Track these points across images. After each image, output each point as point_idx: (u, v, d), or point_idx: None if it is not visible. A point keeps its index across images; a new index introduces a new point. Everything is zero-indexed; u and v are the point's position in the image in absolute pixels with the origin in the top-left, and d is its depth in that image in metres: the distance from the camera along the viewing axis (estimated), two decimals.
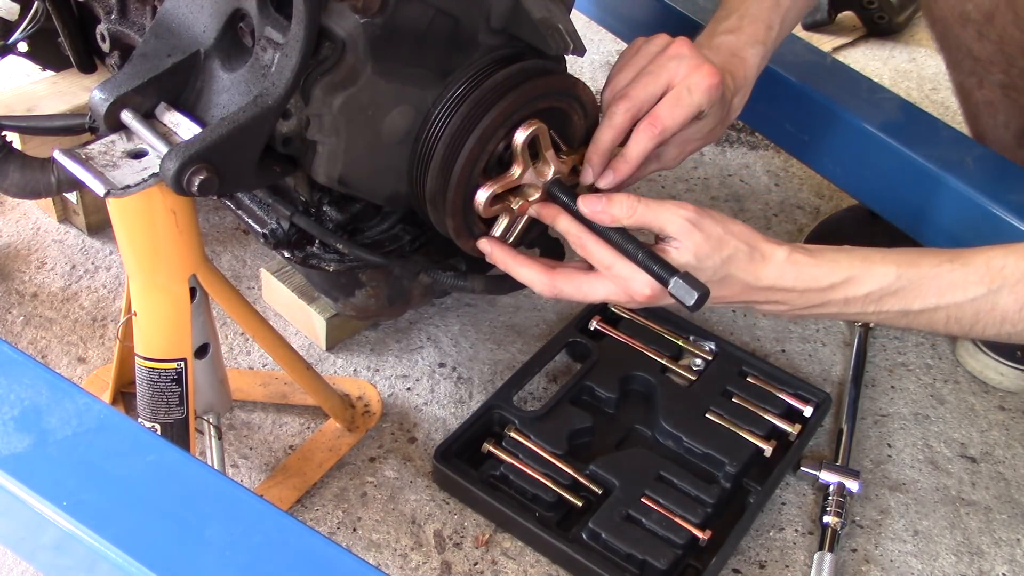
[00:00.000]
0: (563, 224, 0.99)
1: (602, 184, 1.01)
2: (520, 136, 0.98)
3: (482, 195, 1.00)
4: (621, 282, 0.95)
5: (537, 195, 1.03)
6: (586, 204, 0.96)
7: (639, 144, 1.00)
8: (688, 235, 0.93)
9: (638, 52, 1.04)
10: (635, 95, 1.00)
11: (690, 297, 0.89)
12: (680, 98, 0.99)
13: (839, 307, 0.97)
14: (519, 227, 1.06)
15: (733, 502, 1.22)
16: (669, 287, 0.91)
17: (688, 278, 0.90)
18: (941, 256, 0.97)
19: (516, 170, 1.00)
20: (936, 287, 0.96)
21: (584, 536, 1.15)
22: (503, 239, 1.05)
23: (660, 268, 0.92)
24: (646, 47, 1.04)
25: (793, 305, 0.98)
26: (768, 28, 1.13)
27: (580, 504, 1.19)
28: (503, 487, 1.21)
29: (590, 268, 0.98)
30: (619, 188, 1.03)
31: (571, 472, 1.20)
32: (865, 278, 0.96)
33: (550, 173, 1.02)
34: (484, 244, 1.03)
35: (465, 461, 1.23)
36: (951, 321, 0.97)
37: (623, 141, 1.03)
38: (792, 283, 0.96)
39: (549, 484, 1.19)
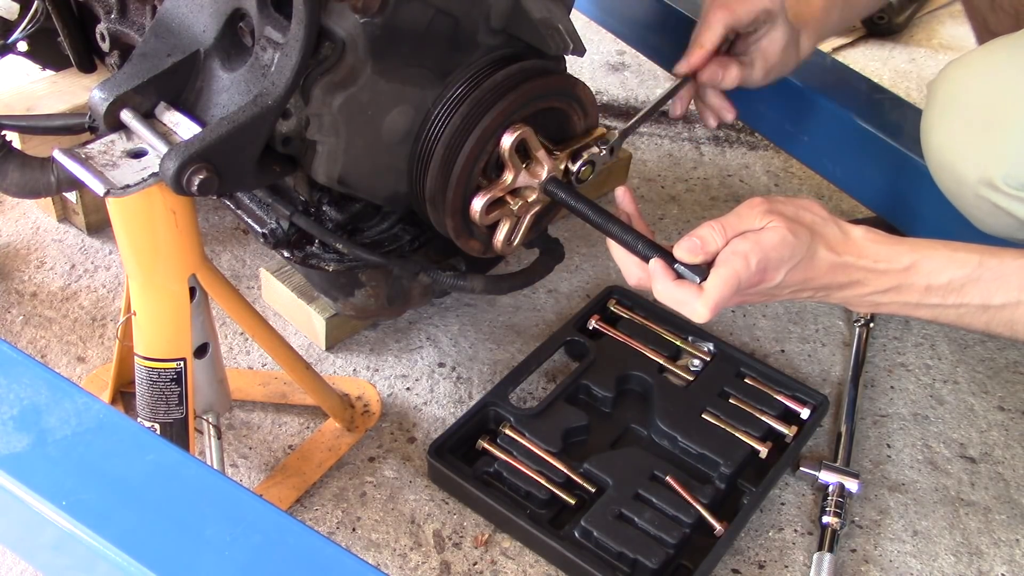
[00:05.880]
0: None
1: (680, 70, 1.21)
2: (507, 141, 0.98)
3: (478, 203, 1.00)
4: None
5: (535, 195, 1.03)
6: (684, 254, 0.93)
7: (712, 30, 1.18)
8: (770, 215, 0.91)
9: None
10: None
11: (698, 275, 0.91)
12: None
13: (919, 295, 0.94)
14: (522, 229, 1.06)
15: (727, 503, 1.22)
16: (675, 267, 0.92)
17: (688, 266, 0.91)
18: (1022, 251, 0.94)
19: (508, 176, 1.00)
20: (1018, 280, 0.92)
21: (576, 534, 1.15)
22: (508, 242, 1.05)
23: (660, 254, 0.93)
24: None
25: (873, 287, 0.94)
26: None
27: (573, 502, 1.19)
28: (497, 484, 1.21)
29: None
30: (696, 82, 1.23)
31: (565, 470, 1.20)
32: (946, 262, 0.93)
33: (544, 173, 1.02)
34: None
35: (460, 458, 1.23)
36: None
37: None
38: (873, 259, 0.93)
39: (542, 481, 1.19)
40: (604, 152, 1.07)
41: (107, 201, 0.90)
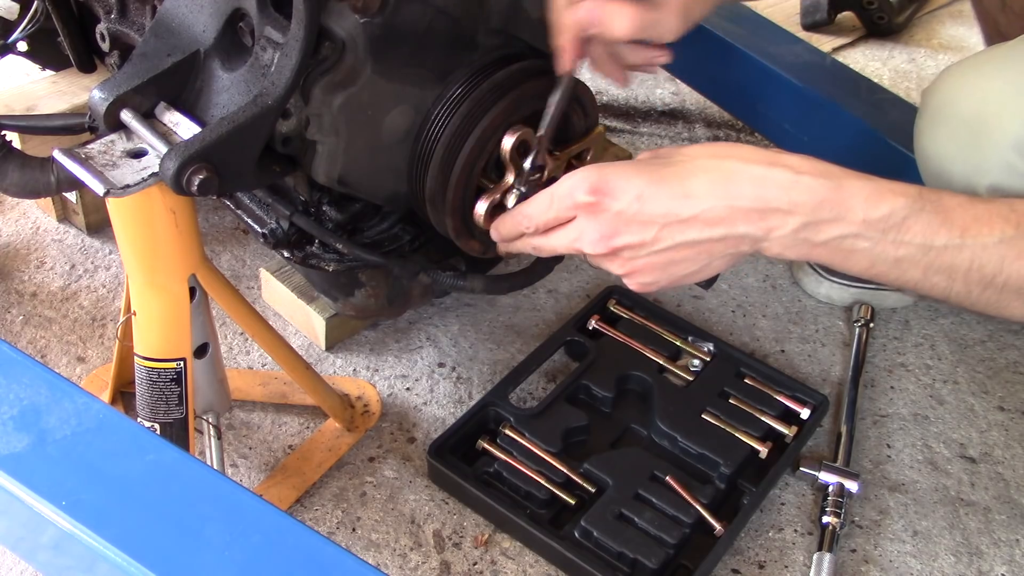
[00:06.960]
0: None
1: (560, 69, 0.97)
2: (507, 142, 0.98)
3: (481, 207, 1.00)
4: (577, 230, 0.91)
5: None
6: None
7: None
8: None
9: None
10: None
11: None
12: None
13: (857, 228, 0.84)
14: None
15: (727, 503, 1.22)
16: None
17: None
18: (961, 194, 0.88)
19: (510, 177, 1.00)
20: (960, 218, 0.84)
21: (576, 534, 1.15)
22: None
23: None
24: None
25: (802, 217, 0.85)
26: None
27: (573, 502, 1.19)
28: (497, 484, 1.21)
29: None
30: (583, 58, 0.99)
31: (564, 470, 1.20)
32: (883, 191, 0.84)
33: (545, 174, 1.02)
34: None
35: (460, 458, 1.23)
36: (973, 268, 0.85)
37: None
38: (805, 171, 0.85)
39: (542, 482, 1.19)
40: (519, 192, 1.00)
41: (107, 201, 0.90)
